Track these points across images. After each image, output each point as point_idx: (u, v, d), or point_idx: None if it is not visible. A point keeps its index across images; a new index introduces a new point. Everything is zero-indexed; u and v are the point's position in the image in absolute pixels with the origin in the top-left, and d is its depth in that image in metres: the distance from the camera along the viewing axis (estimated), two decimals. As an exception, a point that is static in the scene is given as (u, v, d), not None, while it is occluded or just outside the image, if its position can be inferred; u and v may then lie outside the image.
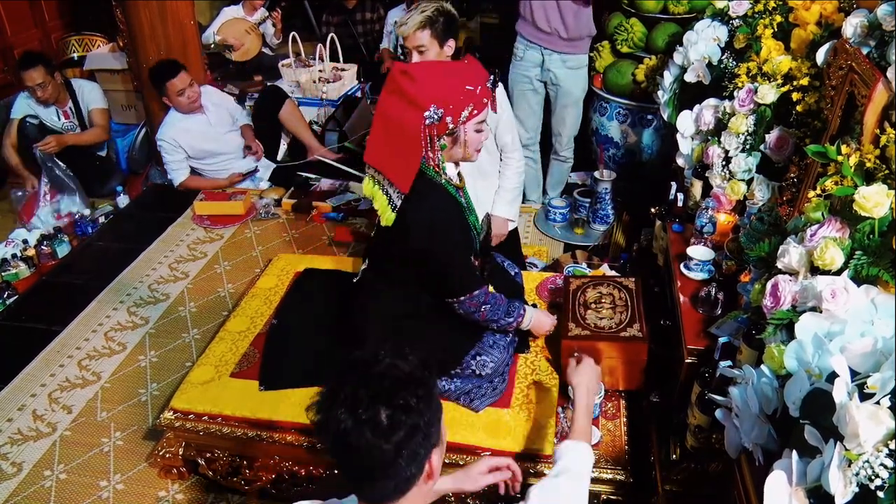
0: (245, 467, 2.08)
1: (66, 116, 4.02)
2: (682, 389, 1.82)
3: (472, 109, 1.80)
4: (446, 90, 1.76)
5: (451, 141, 1.85)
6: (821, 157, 1.50)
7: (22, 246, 3.31)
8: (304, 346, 2.18)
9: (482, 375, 1.99)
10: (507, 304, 2.02)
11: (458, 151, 1.88)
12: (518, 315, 2.04)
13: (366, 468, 1.06)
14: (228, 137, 3.88)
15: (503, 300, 2.02)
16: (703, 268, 1.98)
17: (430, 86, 1.75)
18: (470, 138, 1.86)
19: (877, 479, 0.92)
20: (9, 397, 2.50)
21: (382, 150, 1.87)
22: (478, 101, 1.80)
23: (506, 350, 2.05)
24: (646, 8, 3.46)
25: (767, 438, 1.22)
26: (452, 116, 1.77)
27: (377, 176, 1.89)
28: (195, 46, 3.99)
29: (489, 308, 1.96)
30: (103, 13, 5.11)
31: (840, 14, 1.97)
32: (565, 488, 1.34)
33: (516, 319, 2.03)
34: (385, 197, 1.87)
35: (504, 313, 2.00)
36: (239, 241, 3.38)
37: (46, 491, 2.15)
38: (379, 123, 1.88)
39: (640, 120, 3.56)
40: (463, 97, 1.77)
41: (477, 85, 1.80)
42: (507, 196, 2.68)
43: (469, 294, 1.91)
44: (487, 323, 2.00)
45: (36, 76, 3.78)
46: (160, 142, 3.68)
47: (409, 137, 1.77)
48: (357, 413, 1.02)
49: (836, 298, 1.21)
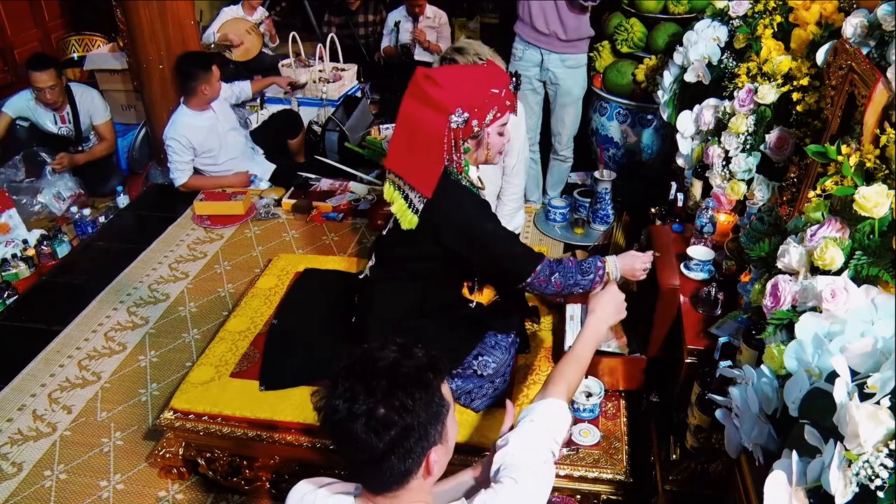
0: (245, 467, 2.08)
1: (63, 121, 4.00)
2: (682, 389, 1.82)
3: (497, 112, 1.82)
4: (472, 94, 1.77)
5: (475, 144, 1.88)
6: (821, 157, 1.50)
7: (22, 246, 3.31)
8: (304, 346, 2.18)
9: (483, 375, 1.98)
10: (578, 265, 1.93)
11: (480, 154, 1.91)
12: (596, 268, 1.92)
13: (360, 459, 1.08)
14: (234, 137, 3.88)
15: (573, 261, 1.94)
16: (703, 268, 1.98)
17: (455, 90, 1.76)
18: (493, 141, 1.89)
19: (877, 479, 0.92)
20: (9, 397, 2.50)
21: (405, 154, 1.86)
22: (502, 103, 1.82)
23: (507, 351, 2.05)
24: (646, 8, 3.46)
25: (767, 438, 1.22)
26: (478, 120, 1.79)
27: (398, 181, 1.88)
28: (195, 46, 3.98)
29: (559, 276, 1.89)
30: (103, 13, 5.13)
31: (840, 14, 1.97)
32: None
33: (596, 273, 1.92)
34: (404, 201, 1.86)
35: (579, 273, 1.91)
36: (239, 241, 3.38)
37: (46, 491, 2.15)
38: (401, 128, 1.87)
39: (640, 120, 3.56)
40: (488, 100, 1.79)
41: (501, 88, 1.81)
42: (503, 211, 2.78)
43: (533, 272, 1.88)
44: (569, 290, 1.91)
45: (46, 78, 3.77)
46: (169, 141, 3.63)
47: (432, 141, 1.78)
48: (353, 408, 1.04)
49: (836, 298, 1.21)
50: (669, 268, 1.94)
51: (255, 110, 4.61)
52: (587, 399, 1.98)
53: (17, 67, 5.58)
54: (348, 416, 1.04)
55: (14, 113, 3.93)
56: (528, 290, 1.93)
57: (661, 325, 1.95)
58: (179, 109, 3.69)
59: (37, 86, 3.79)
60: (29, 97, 3.91)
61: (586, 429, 1.95)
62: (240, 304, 2.52)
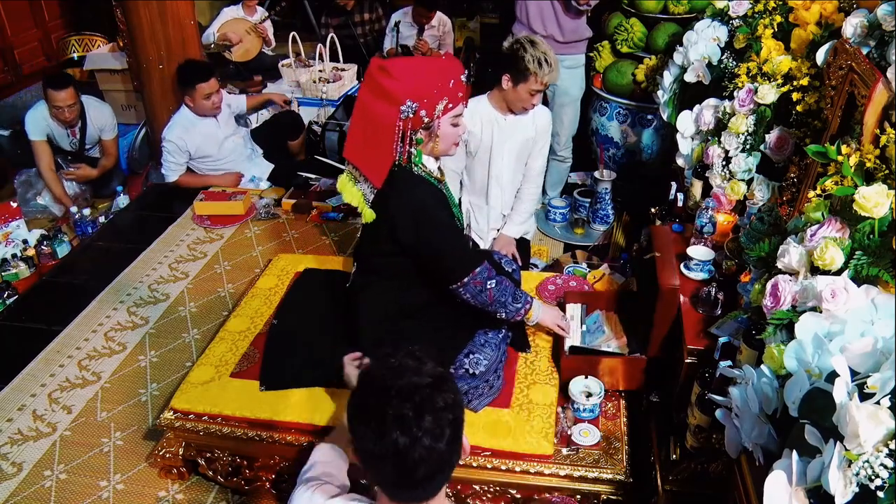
0: (245, 467, 2.08)
1: (74, 135, 4.01)
2: (682, 389, 1.81)
3: (447, 103, 1.82)
4: (422, 85, 1.78)
5: (427, 135, 1.87)
6: (821, 157, 1.50)
7: (22, 246, 3.31)
8: (304, 346, 2.18)
9: (476, 374, 1.97)
10: (514, 288, 1.99)
11: (435, 145, 1.90)
12: (525, 302, 2.00)
13: (428, 474, 1.13)
14: (231, 142, 3.88)
15: (510, 283, 1.98)
16: (703, 268, 1.98)
17: (406, 81, 1.77)
18: (446, 132, 1.88)
19: (877, 479, 0.92)
20: (9, 397, 2.50)
21: (360, 145, 1.90)
22: (453, 94, 1.82)
23: (498, 348, 2.04)
24: (646, 8, 3.46)
25: (767, 438, 1.22)
26: (427, 110, 1.79)
27: (354, 172, 1.92)
28: (195, 46, 3.98)
29: (496, 286, 1.92)
30: (103, 13, 5.13)
31: (840, 14, 1.97)
32: None
33: (524, 306, 2.00)
34: (360, 193, 1.91)
35: (511, 297, 1.97)
36: (239, 241, 3.37)
37: (46, 491, 2.15)
38: (357, 119, 1.90)
39: (640, 120, 3.56)
40: (437, 91, 1.79)
41: (451, 79, 1.81)
42: (519, 218, 2.83)
43: (471, 272, 1.89)
44: (495, 307, 1.95)
45: (65, 97, 3.76)
46: (167, 142, 3.65)
47: (384, 132, 1.80)
48: (411, 431, 1.09)
49: (836, 298, 1.21)
50: (669, 268, 1.94)
51: (255, 110, 4.62)
52: (587, 399, 1.98)
53: (17, 67, 5.59)
54: (411, 441, 1.09)
55: (42, 135, 3.89)
56: (460, 291, 1.91)
57: (661, 325, 1.95)
58: (181, 111, 3.69)
59: (55, 105, 3.77)
60: (44, 115, 3.87)
61: (586, 429, 1.95)
62: (240, 304, 2.52)
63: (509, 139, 2.67)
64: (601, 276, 2.65)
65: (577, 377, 2.03)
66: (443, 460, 1.13)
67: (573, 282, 2.59)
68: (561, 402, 2.02)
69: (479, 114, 2.64)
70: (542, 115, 2.70)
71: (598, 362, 2.04)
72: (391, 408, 1.10)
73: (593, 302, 2.36)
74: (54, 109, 3.80)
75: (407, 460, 1.10)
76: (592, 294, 2.44)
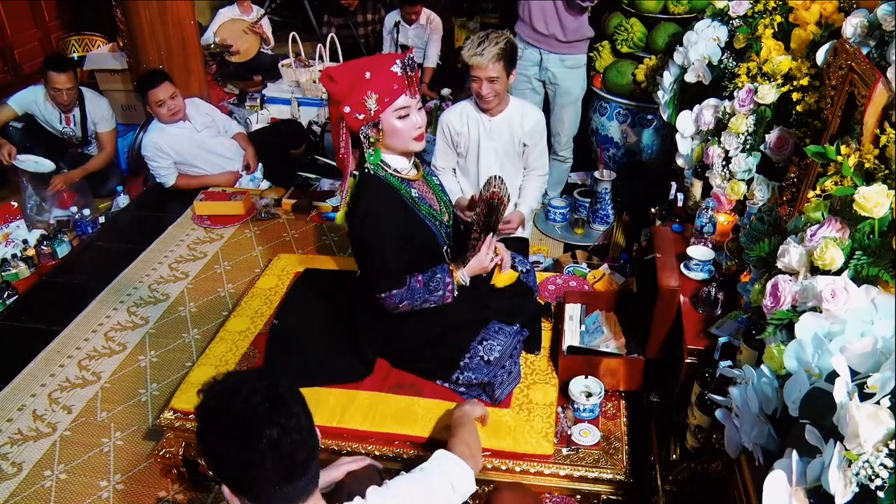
0: (245, 467, 2.08)
1: (69, 122, 4.00)
2: (682, 389, 1.82)
3: (382, 97, 1.78)
4: (353, 86, 1.78)
5: (377, 133, 1.84)
6: (821, 157, 1.50)
7: (22, 246, 3.31)
8: (304, 346, 2.18)
9: (491, 361, 1.96)
10: (426, 282, 1.94)
11: (392, 142, 1.87)
12: (444, 284, 1.95)
13: (306, 457, 1.17)
14: (217, 142, 3.87)
15: (420, 281, 1.93)
16: (703, 268, 1.98)
17: (342, 84, 1.79)
18: (393, 127, 1.83)
19: (877, 479, 0.92)
20: (9, 397, 2.50)
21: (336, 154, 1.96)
22: (380, 87, 1.77)
23: (512, 336, 2.04)
24: (646, 8, 3.46)
25: (767, 438, 1.22)
26: (355, 108, 1.78)
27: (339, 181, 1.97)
28: (195, 46, 3.99)
29: (408, 302, 1.93)
30: (103, 13, 5.13)
31: (840, 14, 1.97)
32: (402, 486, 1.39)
33: (445, 289, 1.95)
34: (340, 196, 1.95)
35: (427, 293, 1.94)
36: (239, 241, 3.38)
37: (46, 491, 2.15)
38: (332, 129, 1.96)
39: (640, 120, 3.56)
40: (359, 87, 1.77)
41: (384, 72, 1.77)
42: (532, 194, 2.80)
43: (388, 292, 1.89)
44: (419, 307, 1.95)
45: (65, 80, 3.77)
46: (143, 151, 3.68)
47: (336, 137, 1.87)
48: (278, 420, 1.12)
49: (836, 298, 1.21)
50: (669, 268, 1.94)
51: (255, 110, 4.62)
52: (587, 399, 1.98)
53: (17, 67, 5.59)
54: (281, 431, 1.11)
55: (20, 108, 3.91)
56: (382, 301, 1.92)
57: (661, 326, 1.95)
58: (153, 119, 3.72)
59: (55, 86, 3.78)
60: (38, 94, 3.89)
61: (586, 429, 1.95)
62: (240, 304, 2.52)
63: (495, 139, 2.66)
64: (601, 277, 2.65)
65: (577, 377, 2.03)
66: (313, 440, 1.19)
67: (573, 282, 2.59)
68: (561, 402, 2.02)
69: (466, 114, 2.66)
70: (530, 117, 2.66)
71: (595, 362, 2.04)
72: (247, 411, 1.12)
73: (593, 302, 2.36)
74: (53, 91, 3.80)
75: (283, 448, 1.12)
76: (592, 294, 2.44)
